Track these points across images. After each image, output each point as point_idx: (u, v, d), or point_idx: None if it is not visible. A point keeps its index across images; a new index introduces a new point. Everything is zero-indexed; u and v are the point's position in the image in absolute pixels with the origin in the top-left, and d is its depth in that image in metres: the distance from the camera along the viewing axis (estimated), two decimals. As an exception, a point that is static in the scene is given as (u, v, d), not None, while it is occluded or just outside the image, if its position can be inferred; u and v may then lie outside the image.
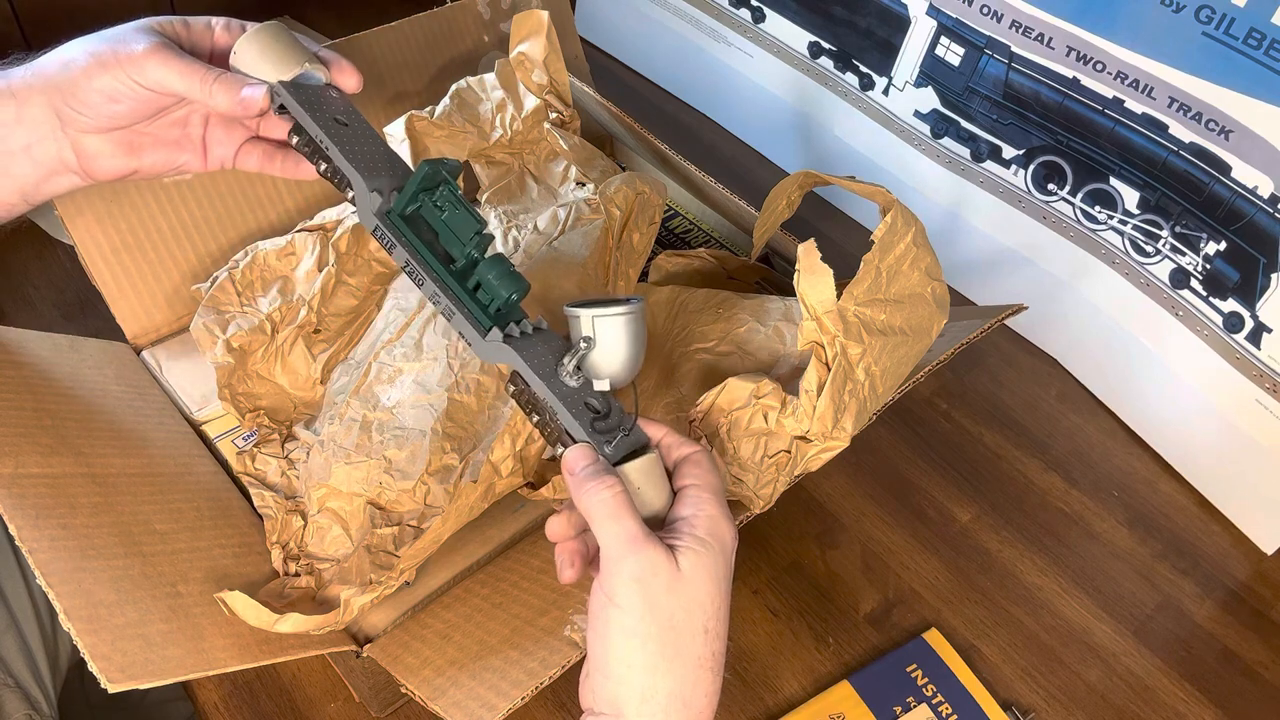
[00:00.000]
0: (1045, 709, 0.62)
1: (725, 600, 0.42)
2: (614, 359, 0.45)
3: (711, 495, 0.43)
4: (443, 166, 0.46)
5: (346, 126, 0.48)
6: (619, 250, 0.59)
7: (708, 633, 0.41)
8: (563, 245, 0.56)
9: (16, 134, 0.47)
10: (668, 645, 0.40)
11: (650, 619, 0.40)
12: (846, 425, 0.52)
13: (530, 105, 0.73)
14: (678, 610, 0.40)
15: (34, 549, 0.46)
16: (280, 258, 0.66)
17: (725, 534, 0.42)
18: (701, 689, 0.41)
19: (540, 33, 0.72)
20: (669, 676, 0.40)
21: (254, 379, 0.65)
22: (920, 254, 0.55)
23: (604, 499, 0.41)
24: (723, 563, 0.42)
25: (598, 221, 0.58)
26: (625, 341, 0.45)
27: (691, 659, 0.40)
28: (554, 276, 0.54)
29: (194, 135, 0.52)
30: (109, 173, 0.50)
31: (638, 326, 0.46)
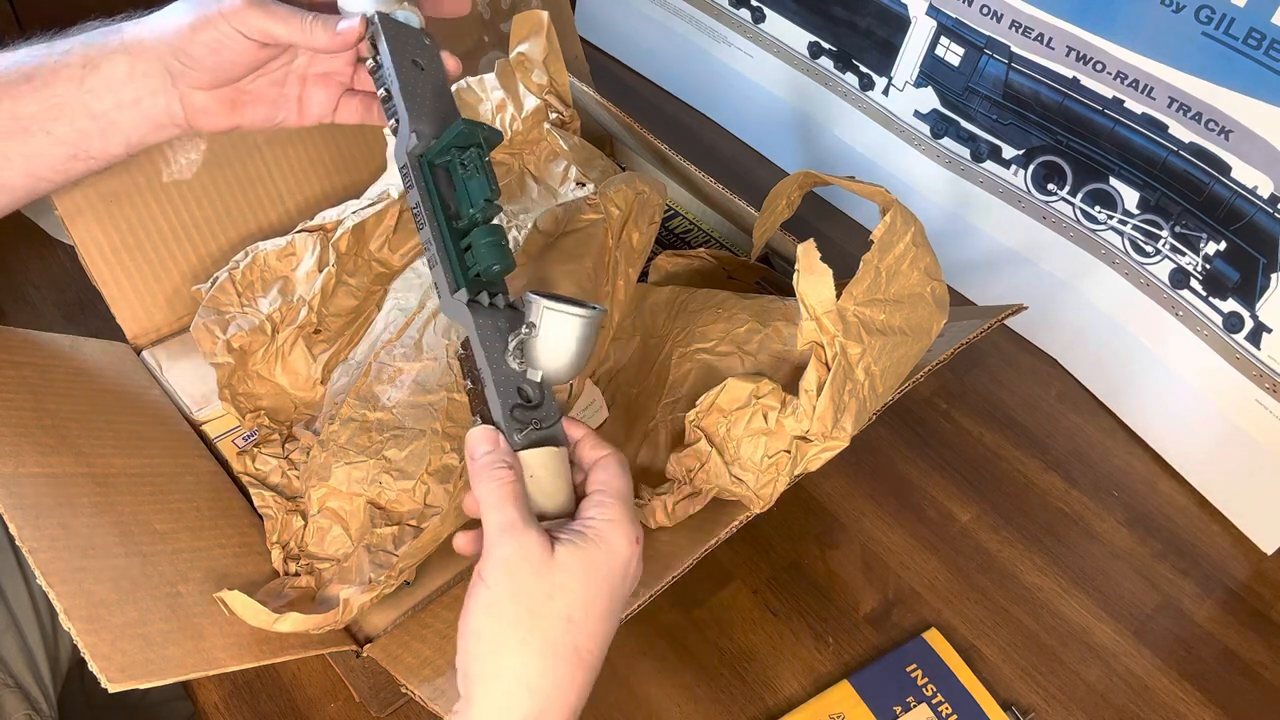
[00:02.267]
0: (1045, 709, 0.62)
1: (602, 599, 0.41)
2: (553, 354, 0.45)
3: (615, 500, 0.43)
4: (480, 130, 0.47)
5: (422, 70, 0.49)
6: (619, 250, 0.59)
7: (571, 622, 0.40)
8: (562, 244, 0.56)
9: (129, 88, 0.49)
10: (521, 627, 0.39)
11: (510, 599, 0.40)
12: (846, 425, 0.52)
13: (530, 105, 0.73)
14: (540, 594, 0.39)
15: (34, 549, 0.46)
16: (280, 258, 0.66)
17: (617, 538, 0.42)
18: (552, 678, 0.40)
19: (540, 33, 0.72)
20: (516, 658, 0.39)
21: (254, 379, 0.65)
22: (920, 254, 0.55)
23: (493, 487, 0.42)
24: (605, 561, 0.41)
25: (598, 221, 0.58)
26: (567, 341, 0.45)
27: (546, 645, 0.39)
28: (554, 276, 0.54)
29: (290, 94, 0.53)
30: (213, 127, 0.52)
31: (585, 332, 0.45)
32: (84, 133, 0.50)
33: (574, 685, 0.40)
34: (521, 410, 0.45)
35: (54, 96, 0.48)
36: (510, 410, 0.45)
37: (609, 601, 0.41)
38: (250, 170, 0.70)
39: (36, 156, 0.50)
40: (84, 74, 0.48)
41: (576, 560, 0.41)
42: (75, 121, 0.49)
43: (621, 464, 0.45)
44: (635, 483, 0.58)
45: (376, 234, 0.68)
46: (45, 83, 0.48)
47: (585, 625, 0.40)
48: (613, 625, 0.42)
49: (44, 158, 0.50)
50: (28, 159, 0.50)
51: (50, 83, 0.48)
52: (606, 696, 0.61)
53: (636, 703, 0.61)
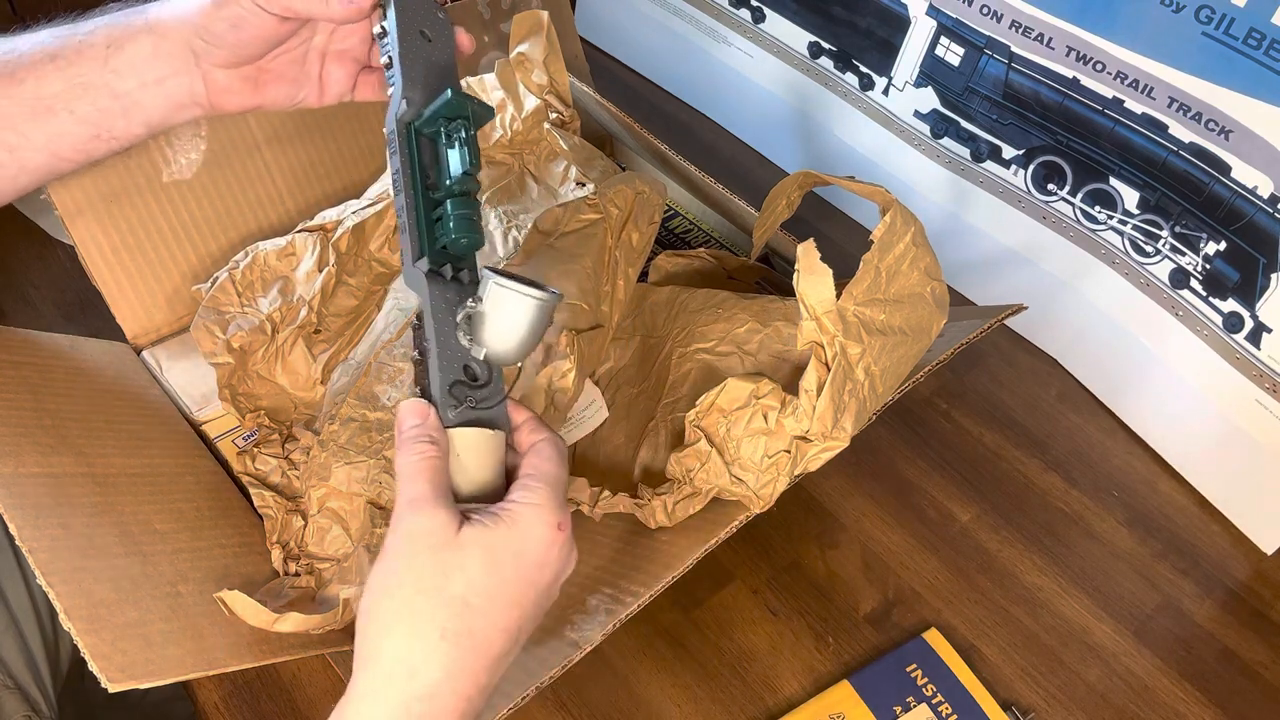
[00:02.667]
0: (1045, 709, 0.62)
1: (509, 584, 0.39)
2: (499, 334, 0.44)
3: (539, 484, 0.42)
4: (470, 103, 0.46)
5: (429, 42, 0.49)
6: (618, 249, 0.59)
7: (467, 605, 0.38)
8: (561, 244, 0.56)
9: (154, 67, 0.49)
10: (407, 605, 0.38)
11: (403, 577, 0.38)
12: (846, 425, 0.52)
13: (530, 106, 0.73)
14: (435, 574, 0.38)
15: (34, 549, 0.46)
16: (280, 258, 0.66)
17: (533, 522, 0.40)
18: (441, 661, 0.37)
19: (540, 33, 0.72)
20: (401, 639, 0.38)
21: (254, 379, 0.65)
22: (920, 254, 0.55)
23: (410, 460, 0.41)
24: (514, 545, 0.39)
25: (597, 221, 0.58)
26: (516, 321, 0.43)
27: (435, 627, 0.38)
28: (553, 276, 0.54)
29: (311, 72, 0.53)
30: (235, 107, 0.52)
31: (533, 315, 0.44)
32: (107, 112, 0.50)
33: (467, 671, 0.38)
34: (463, 388, 0.44)
35: (78, 76, 0.49)
36: (449, 386, 0.43)
37: (518, 587, 0.39)
38: (250, 170, 0.70)
39: (59, 136, 0.50)
40: (108, 54, 0.49)
41: (481, 542, 0.39)
42: (98, 101, 0.49)
43: (556, 448, 0.44)
44: (636, 483, 0.59)
45: (377, 234, 0.68)
46: (70, 62, 0.48)
47: (485, 610, 0.38)
48: (525, 613, 0.40)
49: (66, 137, 0.50)
50: (50, 138, 0.50)
51: (74, 62, 0.48)
52: (606, 696, 0.61)
53: (636, 703, 0.61)
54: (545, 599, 0.42)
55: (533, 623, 0.41)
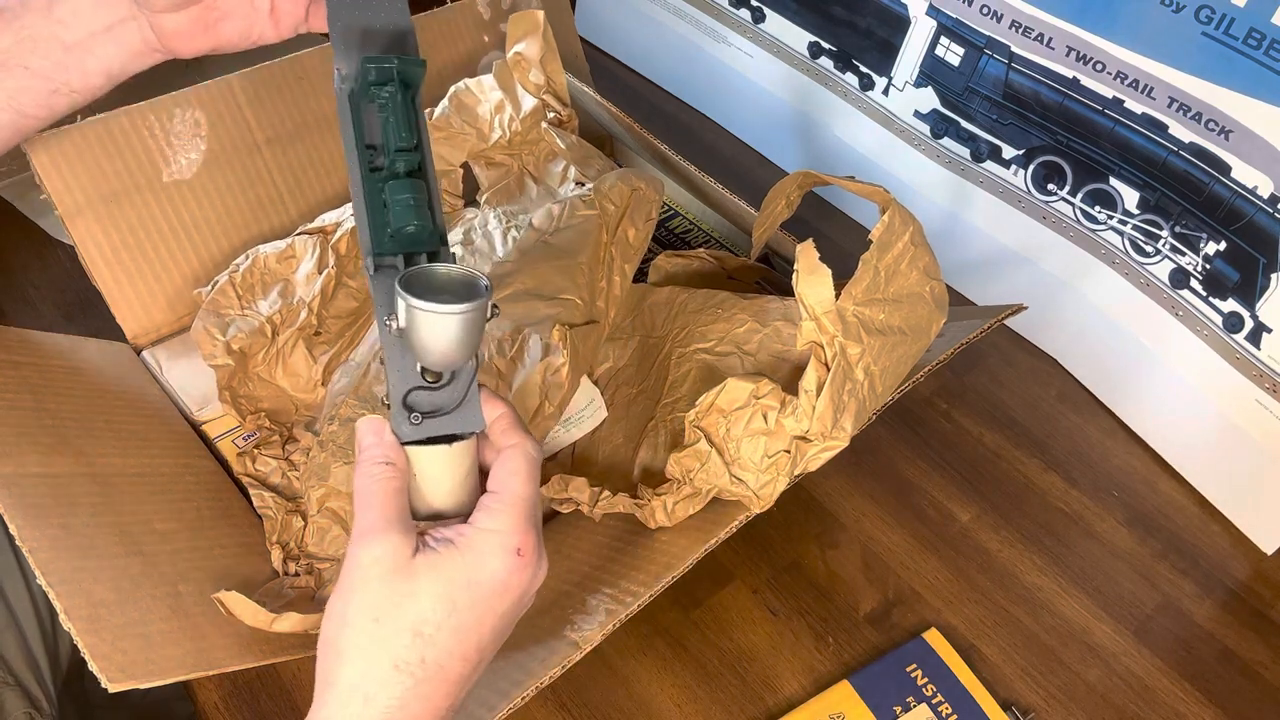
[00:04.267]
0: (1045, 709, 0.62)
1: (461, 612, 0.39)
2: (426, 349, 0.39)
3: (502, 507, 0.40)
4: (393, 64, 0.40)
5: None
6: (614, 246, 0.59)
7: (419, 635, 0.38)
8: (557, 241, 0.56)
9: (98, 15, 0.48)
10: (363, 635, 0.38)
11: (357, 606, 0.38)
12: (846, 425, 0.52)
13: (528, 106, 0.73)
14: (387, 603, 0.38)
15: (34, 549, 0.46)
16: (280, 260, 0.66)
17: (489, 549, 0.39)
18: (394, 690, 0.38)
19: (536, 33, 0.72)
20: (354, 667, 0.38)
21: (255, 381, 0.65)
22: (919, 253, 0.55)
23: (365, 484, 0.40)
24: (467, 573, 0.39)
25: (592, 217, 0.58)
26: (435, 336, 0.38)
27: (387, 656, 0.38)
28: (548, 272, 0.54)
29: (261, 6, 0.52)
30: (190, 50, 0.51)
31: (455, 327, 0.38)
32: (61, 65, 0.49)
33: (421, 698, 0.38)
34: (422, 393, 0.40)
35: (24, 29, 0.48)
36: (404, 395, 0.40)
37: (474, 616, 0.39)
38: (250, 170, 0.70)
39: (18, 92, 0.49)
40: (50, 5, 0.48)
41: (433, 570, 0.38)
42: (50, 54, 0.49)
43: (526, 458, 0.41)
44: (635, 483, 0.59)
45: None
46: (15, 16, 0.48)
47: (436, 639, 0.38)
48: (483, 638, 0.40)
49: (26, 93, 0.50)
50: (10, 95, 0.49)
51: (19, 15, 0.48)
52: (606, 696, 0.61)
53: (636, 703, 0.61)
54: (509, 619, 0.41)
55: (496, 643, 0.41)
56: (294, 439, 0.64)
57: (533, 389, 0.52)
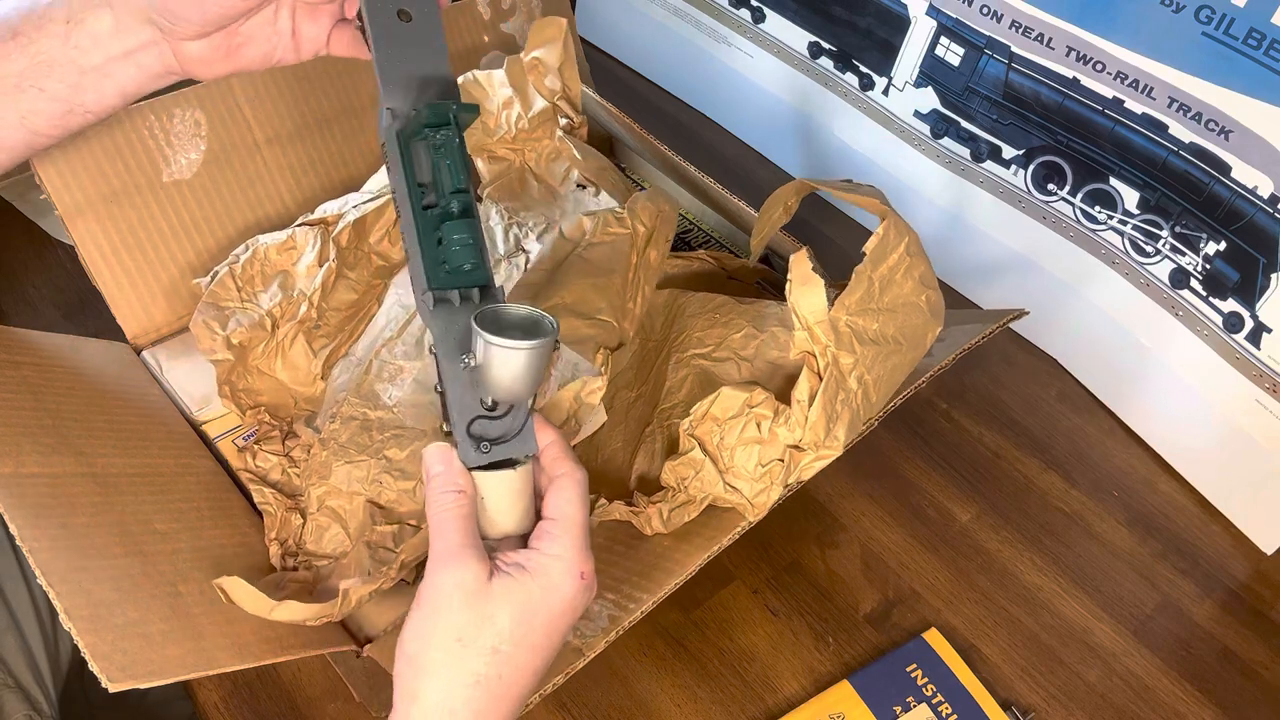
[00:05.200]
0: (1045, 709, 0.62)
1: (535, 633, 0.42)
2: (498, 384, 0.42)
3: (564, 534, 0.43)
4: (450, 109, 0.43)
5: (409, 22, 0.45)
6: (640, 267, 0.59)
7: (497, 653, 0.41)
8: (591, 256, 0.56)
9: (117, 42, 0.48)
10: (447, 654, 0.41)
11: (441, 627, 0.41)
12: (839, 434, 0.52)
13: (538, 106, 0.73)
14: (469, 625, 0.41)
15: (34, 549, 0.46)
16: (281, 252, 0.66)
17: (559, 574, 0.42)
18: (474, 705, 0.41)
19: (558, 40, 0.72)
20: (440, 682, 0.41)
21: (254, 375, 0.65)
22: (914, 263, 0.55)
23: (438, 511, 0.43)
24: (542, 597, 0.42)
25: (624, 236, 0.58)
26: (510, 372, 0.42)
27: (469, 674, 0.41)
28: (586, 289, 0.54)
29: (283, 29, 0.52)
30: (212, 74, 0.51)
31: (529, 363, 0.41)
32: (76, 88, 0.49)
33: (494, 712, 0.42)
34: (483, 421, 0.43)
35: (40, 53, 0.48)
36: (469, 425, 0.43)
37: (545, 635, 0.42)
38: (250, 170, 0.70)
39: (32, 113, 0.49)
40: (68, 29, 0.48)
41: (511, 594, 0.41)
42: (66, 77, 0.49)
43: (578, 486, 0.44)
44: (632, 490, 0.59)
45: (377, 227, 0.68)
46: (30, 39, 0.47)
47: (513, 657, 0.41)
48: (546, 656, 0.43)
49: (39, 114, 0.50)
50: (24, 116, 0.49)
51: (35, 39, 0.48)
52: (606, 697, 0.61)
53: (636, 703, 0.61)
54: (567, 634, 0.44)
55: (555, 656, 0.44)
56: (294, 434, 0.64)
57: (560, 407, 0.52)
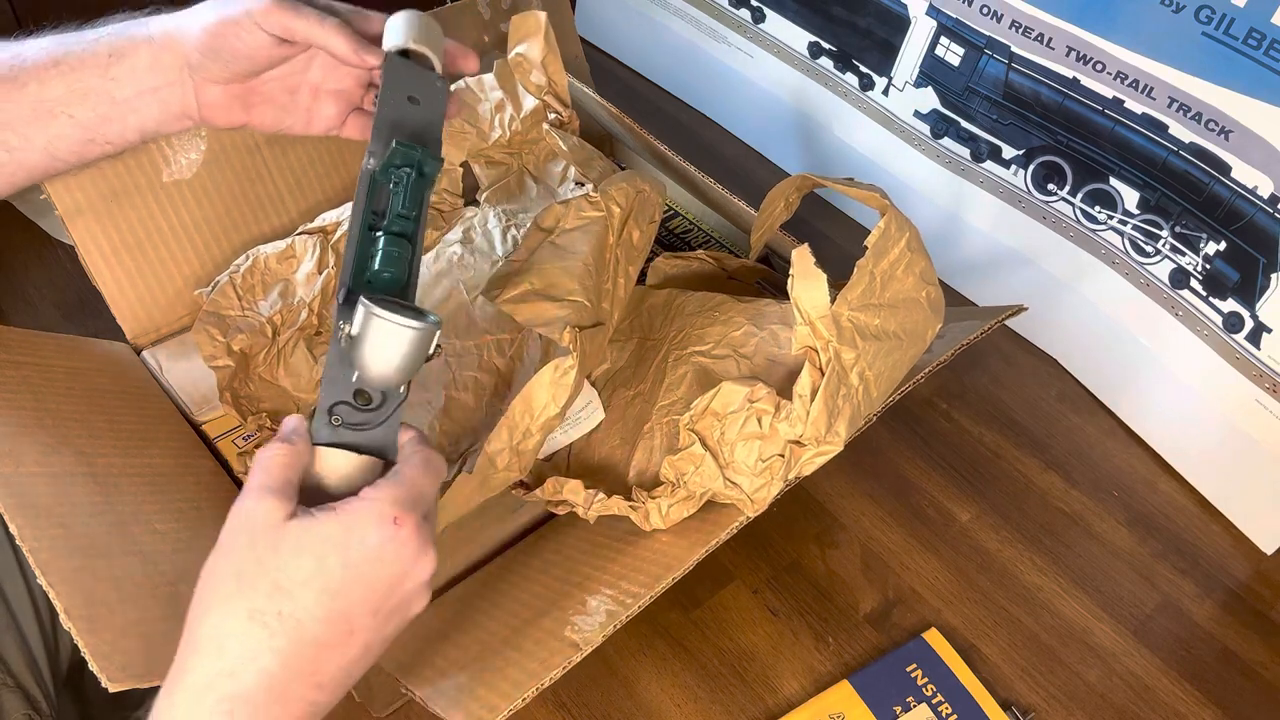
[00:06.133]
0: (1045, 709, 0.62)
1: (327, 573, 0.39)
2: (369, 359, 0.44)
3: (391, 483, 0.42)
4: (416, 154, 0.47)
5: (416, 105, 0.50)
6: (619, 247, 0.59)
7: (278, 589, 0.38)
8: (563, 241, 0.56)
9: (149, 77, 0.51)
10: (226, 587, 0.39)
11: (223, 561, 0.39)
12: (840, 430, 0.52)
13: (529, 106, 0.73)
14: (250, 560, 0.39)
15: (34, 548, 0.46)
16: (280, 260, 0.66)
17: (364, 514, 0.40)
18: (246, 640, 0.38)
19: (538, 34, 0.72)
20: (215, 617, 0.39)
21: (257, 382, 0.65)
22: (915, 259, 0.55)
23: (259, 456, 0.42)
24: (339, 535, 0.39)
25: (598, 218, 0.58)
26: (382, 347, 0.43)
27: (242, 608, 0.38)
28: (556, 273, 0.54)
29: (301, 102, 0.55)
30: (223, 122, 0.54)
31: (404, 342, 0.43)
32: (105, 118, 0.51)
33: (270, 650, 0.38)
34: (348, 408, 0.44)
35: (79, 82, 0.50)
36: (330, 405, 0.44)
37: (341, 575, 0.39)
38: (250, 169, 0.70)
39: (57, 138, 0.51)
40: (110, 62, 0.50)
41: (305, 532, 0.39)
42: (98, 107, 0.51)
43: (425, 459, 0.44)
44: (632, 486, 0.59)
45: None
46: (72, 68, 0.50)
47: (297, 595, 0.39)
48: (352, 605, 0.40)
49: (64, 140, 0.51)
50: (49, 140, 0.51)
51: (76, 69, 0.50)
52: (606, 696, 0.61)
53: (636, 703, 0.61)
54: (384, 595, 0.41)
55: (373, 621, 0.41)
56: (293, 438, 0.64)
57: (541, 389, 0.52)
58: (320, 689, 0.40)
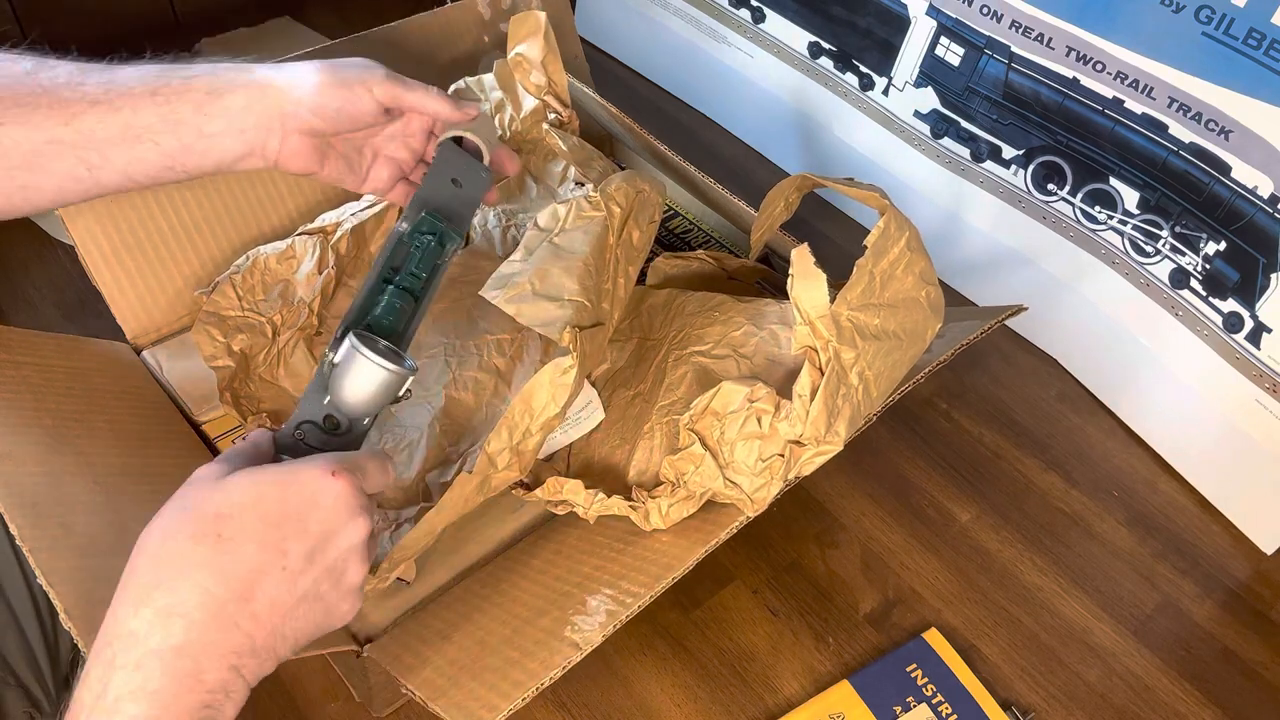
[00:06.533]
0: (1045, 709, 0.62)
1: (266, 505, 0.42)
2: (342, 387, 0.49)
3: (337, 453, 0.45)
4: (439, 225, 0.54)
5: (457, 187, 0.57)
6: (619, 247, 0.59)
7: (219, 517, 0.41)
8: (563, 241, 0.56)
9: (241, 118, 0.54)
10: (169, 520, 0.42)
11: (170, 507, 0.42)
12: (840, 430, 0.52)
13: (529, 106, 0.73)
14: (196, 497, 0.42)
15: (34, 548, 0.46)
16: (281, 261, 0.66)
17: (304, 465, 0.43)
18: (188, 558, 0.40)
19: (538, 34, 0.72)
20: (151, 540, 0.41)
21: (257, 382, 0.65)
22: (915, 258, 0.55)
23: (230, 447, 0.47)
24: (278, 479, 0.42)
25: (598, 218, 0.58)
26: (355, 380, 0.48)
27: (184, 534, 0.41)
28: (556, 274, 0.54)
29: (364, 163, 0.60)
30: (296, 169, 0.57)
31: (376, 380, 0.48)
32: (188, 148, 0.54)
33: (209, 567, 0.40)
34: (314, 428, 0.49)
35: (173, 114, 0.52)
36: (300, 423, 0.49)
37: (279, 509, 0.42)
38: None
39: (138, 161, 0.53)
40: (207, 99, 0.53)
41: (246, 475, 0.42)
42: (184, 138, 0.53)
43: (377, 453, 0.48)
44: (632, 486, 0.59)
45: (377, 235, 0.68)
46: (167, 100, 0.52)
47: (234, 519, 0.41)
48: (284, 539, 0.42)
49: (144, 164, 0.53)
50: (129, 163, 0.53)
51: (172, 101, 0.52)
52: (606, 696, 0.61)
53: (636, 703, 0.61)
54: (320, 546, 0.43)
55: (304, 562, 0.42)
56: (295, 438, 0.65)
57: (541, 389, 0.52)
58: (255, 620, 0.41)
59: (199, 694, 0.39)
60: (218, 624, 0.40)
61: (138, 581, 0.40)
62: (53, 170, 0.51)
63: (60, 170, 0.52)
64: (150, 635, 0.39)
